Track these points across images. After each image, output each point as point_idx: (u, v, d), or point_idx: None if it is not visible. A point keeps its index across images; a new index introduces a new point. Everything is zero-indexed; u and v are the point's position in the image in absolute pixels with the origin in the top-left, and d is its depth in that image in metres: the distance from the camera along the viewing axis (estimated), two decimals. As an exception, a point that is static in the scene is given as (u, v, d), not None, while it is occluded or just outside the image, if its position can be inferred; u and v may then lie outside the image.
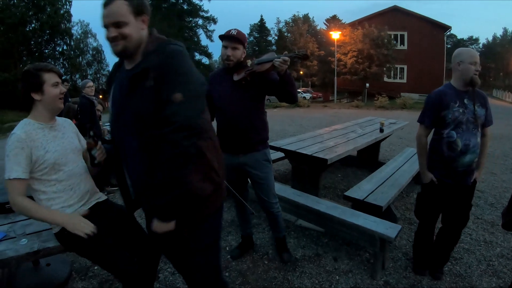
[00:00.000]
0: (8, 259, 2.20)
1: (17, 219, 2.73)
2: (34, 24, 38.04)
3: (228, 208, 4.40)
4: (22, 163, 1.92)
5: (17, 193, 1.92)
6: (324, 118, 15.02)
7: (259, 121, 2.86)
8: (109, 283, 3.03)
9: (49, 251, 2.27)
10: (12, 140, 1.95)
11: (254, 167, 2.92)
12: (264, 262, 3.21)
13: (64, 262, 3.27)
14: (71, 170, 2.13)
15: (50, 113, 2.15)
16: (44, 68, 2.09)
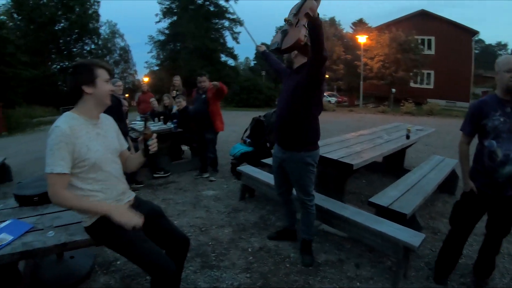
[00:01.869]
0: (35, 250, 2.26)
1: (45, 212, 2.81)
2: (63, 23, 38.97)
3: (251, 210, 4.44)
4: (66, 158, 1.92)
5: (60, 187, 1.92)
6: (349, 123, 14.89)
7: (301, 122, 2.90)
8: (131, 278, 3.08)
9: (76, 244, 2.32)
10: (57, 134, 1.92)
11: (290, 165, 3.05)
12: (286, 265, 3.20)
13: (87, 256, 3.34)
14: (109, 171, 2.14)
15: (97, 109, 2.16)
16: (97, 63, 2.11)
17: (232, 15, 43.65)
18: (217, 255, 3.41)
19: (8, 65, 20.67)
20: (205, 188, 5.52)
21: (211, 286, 2.92)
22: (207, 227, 4.05)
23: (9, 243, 2.29)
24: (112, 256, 3.44)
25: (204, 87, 5.80)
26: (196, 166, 6.41)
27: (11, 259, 2.24)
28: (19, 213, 2.85)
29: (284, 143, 3.06)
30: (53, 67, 39.68)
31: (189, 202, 4.91)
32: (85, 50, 41.87)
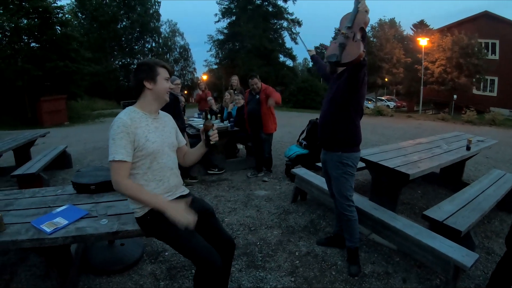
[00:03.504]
0: (87, 236, 2.39)
1: (100, 200, 2.96)
2: (125, 22, 40.76)
3: (302, 213, 4.41)
4: (127, 146, 2.06)
5: (121, 175, 2.06)
6: (407, 129, 14.37)
7: (339, 124, 2.93)
8: (177, 269, 3.17)
9: (126, 233, 2.42)
10: (118, 124, 2.08)
11: (329, 166, 3.09)
12: (331, 272, 3.15)
13: (137, 244, 3.49)
14: (164, 163, 2.25)
15: (156, 104, 2.31)
16: (159, 63, 2.28)
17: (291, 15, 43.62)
18: (264, 255, 3.42)
19: (72, 60, 21.84)
20: (258, 188, 5.55)
21: (254, 286, 2.94)
22: (256, 226, 4.07)
23: (63, 227, 2.44)
24: (161, 247, 3.57)
25: (257, 88, 5.87)
26: (250, 165, 6.50)
27: (64, 242, 2.39)
28: (75, 199, 3.03)
29: (324, 144, 3.11)
30: (115, 63, 41.53)
31: (240, 200, 4.97)
32: (146, 48, 43.72)
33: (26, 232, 2.41)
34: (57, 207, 2.82)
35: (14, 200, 3.14)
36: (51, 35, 21.39)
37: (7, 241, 2.35)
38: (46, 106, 20.04)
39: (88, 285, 2.98)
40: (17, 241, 2.34)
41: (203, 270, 2.07)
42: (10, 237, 2.36)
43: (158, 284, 3.00)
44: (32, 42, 22.13)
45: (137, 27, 41.43)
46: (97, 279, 3.06)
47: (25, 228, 2.47)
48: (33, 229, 2.44)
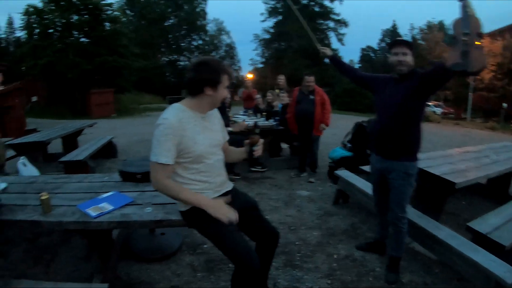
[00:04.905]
0: (132, 222, 2.44)
1: (145, 189, 3.00)
2: (172, 20, 41.72)
3: (343, 216, 4.34)
4: (172, 150, 2.01)
5: (163, 176, 2.04)
6: (454, 137, 13.86)
7: (407, 131, 2.79)
8: (215, 262, 3.20)
9: (170, 222, 2.45)
10: (165, 126, 2.01)
11: (391, 175, 2.91)
12: (369, 278, 3.08)
13: (177, 235, 3.55)
14: (212, 163, 2.20)
15: (209, 107, 2.22)
16: (225, 69, 2.16)
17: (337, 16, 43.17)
18: (302, 256, 3.39)
19: (121, 55, 22.65)
20: (300, 188, 5.51)
21: (290, 285, 2.91)
22: (297, 226, 4.04)
23: (108, 212, 2.50)
24: (200, 239, 3.59)
25: (310, 87, 5.81)
26: (293, 165, 6.44)
27: (108, 226, 2.45)
28: (121, 187, 3.09)
29: (386, 152, 2.91)
30: (162, 59, 42.61)
31: (282, 199, 4.95)
32: (193, 45, 44.53)
33: (72, 214, 2.49)
34: (103, 193, 2.89)
35: (62, 184, 3.26)
36: (101, 31, 22.38)
37: (53, 222, 2.44)
38: (95, 98, 20.82)
39: (127, 270, 3.08)
40: (62, 222, 2.42)
41: (241, 270, 2.06)
42: (56, 218, 2.45)
43: (195, 275, 3.04)
44: (82, 37, 23.10)
45: (184, 25, 42.47)
46: (136, 265, 3.15)
47: (71, 211, 2.55)
48: (79, 213, 2.51)
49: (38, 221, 2.45)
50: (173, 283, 2.92)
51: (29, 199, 2.86)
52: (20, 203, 2.79)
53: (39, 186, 3.25)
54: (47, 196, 2.53)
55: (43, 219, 2.46)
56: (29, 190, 3.13)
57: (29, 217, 2.49)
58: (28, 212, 2.58)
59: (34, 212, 2.57)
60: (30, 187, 3.25)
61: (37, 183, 3.39)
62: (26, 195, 2.99)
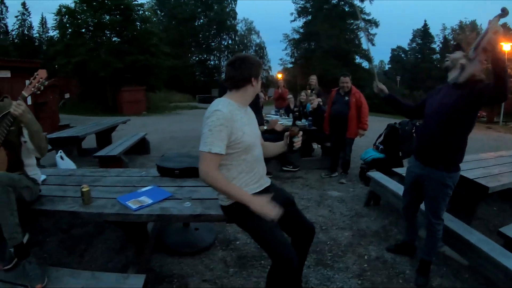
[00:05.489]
0: (171, 216, 2.49)
1: (183, 185, 3.05)
2: (202, 19, 42.21)
3: (374, 217, 4.30)
4: (224, 139, 2.06)
5: (213, 166, 2.06)
6: (485, 141, 13.43)
7: (452, 140, 2.68)
8: (247, 259, 3.22)
9: (209, 217, 2.48)
10: (218, 116, 2.06)
11: (427, 183, 2.85)
12: (399, 280, 3.04)
13: (210, 230, 3.60)
14: (256, 155, 2.27)
15: (247, 100, 2.32)
16: (261, 64, 2.34)
17: (368, 15, 42.67)
18: (333, 255, 3.38)
19: (152, 54, 23.00)
20: (331, 188, 5.48)
21: (321, 284, 2.91)
22: (328, 226, 4.02)
23: (148, 206, 2.55)
24: (233, 235, 3.64)
25: (346, 88, 5.77)
26: (324, 165, 6.40)
27: (148, 219, 2.52)
28: (159, 181, 3.15)
29: (425, 158, 2.83)
30: (192, 58, 43.13)
31: (313, 199, 4.93)
32: (223, 45, 44.95)
33: (112, 207, 2.55)
34: (141, 187, 2.95)
35: (101, 177, 3.35)
36: (132, 31, 22.88)
37: (94, 213, 2.52)
38: (126, 96, 21.27)
39: (160, 263, 3.14)
40: (103, 214, 2.50)
41: (279, 266, 2.08)
42: (96, 210, 2.53)
43: (227, 270, 3.07)
44: (114, 37, 23.65)
45: (214, 24, 42.83)
46: (169, 259, 3.21)
47: (111, 203, 2.61)
48: (119, 205, 2.57)
49: (79, 212, 2.53)
50: (206, 277, 2.96)
51: (68, 191, 2.95)
52: (60, 194, 2.88)
53: (77, 179, 3.36)
54: (87, 188, 2.61)
55: (84, 210, 2.54)
56: (67, 182, 3.24)
57: (69, 208, 2.57)
58: (69, 203, 2.67)
59: (74, 203, 2.65)
60: (68, 179, 3.36)
61: (75, 175, 3.50)
62: (65, 187, 3.09)
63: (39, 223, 3.76)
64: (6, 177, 2.28)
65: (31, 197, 2.60)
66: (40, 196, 2.76)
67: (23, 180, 2.51)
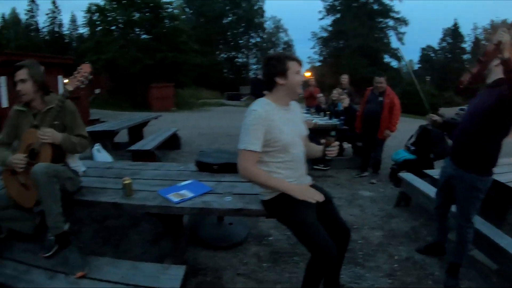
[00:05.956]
0: (213, 209, 2.54)
1: (222, 180, 3.11)
2: (230, 17, 42.36)
3: (405, 218, 4.27)
4: (260, 138, 2.15)
5: (251, 163, 2.17)
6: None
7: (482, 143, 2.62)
8: (279, 254, 3.26)
9: (250, 212, 2.50)
10: (254, 116, 2.16)
11: (457, 184, 2.83)
12: (428, 281, 3.02)
13: (244, 226, 3.63)
14: (296, 153, 2.29)
15: (288, 98, 2.35)
16: (289, 56, 2.29)
17: (397, 14, 41.99)
18: (364, 254, 3.38)
19: (180, 51, 23.27)
20: (362, 188, 5.46)
21: (353, 281, 2.92)
22: (359, 226, 4.02)
23: (189, 199, 2.60)
24: (266, 231, 3.68)
25: (380, 88, 5.73)
26: (355, 165, 6.37)
27: (190, 212, 2.60)
28: (198, 176, 3.21)
29: (458, 159, 2.81)
30: (220, 56, 43.44)
31: (344, 198, 4.93)
32: (251, 42, 45.08)
33: (153, 199, 2.62)
34: (180, 181, 3.01)
35: (139, 171, 3.45)
36: (162, 28, 23.14)
37: (136, 205, 2.59)
38: (155, 92, 21.63)
39: (194, 256, 3.19)
40: (145, 206, 2.56)
41: (319, 260, 2.09)
42: (138, 202, 2.60)
43: (261, 264, 3.11)
44: (143, 34, 24.03)
45: (242, 22, 42.97)
46: (203, 252, 3.27)
47: (152, 196, 2.68)
48: (160, 198, 2.64)
49: (121, 204, 2.61)
50: (240, 271, 3.00)
51: (108, 183, 3.05)
52: (100, 186, 2.98)
53: (116, 171, 3.46)
54: (130, 180, 2.68)
55: (126, 201, 2.61)
56: (107, 175, 3.34)
57: (112, 199, 2.65)
58: (110, 194, 2.75)
59: (115, 195, 2.73)
60: (107, 172, 3.47)
61: (114, 168, 3.61)
62: (104, 179, 3.19)
63: (74, 214, 3.86)
64: (51, 168, 2.36)
65: (72, 188, 2.68)
66: (80, 187, 2.84)
67: (66, 171, 2.60)
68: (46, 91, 2.66)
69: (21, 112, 2.63)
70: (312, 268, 2.19)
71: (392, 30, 44.14)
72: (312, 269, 2.20)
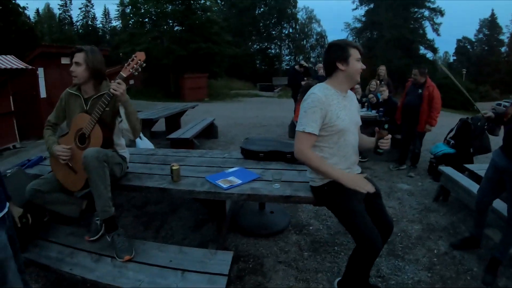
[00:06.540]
0: (262, 196, 2.56)
1: (268, 167, 3.12)
2: (263, 8, 42.12)
3: (443, 213, 4.19)
4: (318, 121, 2.15)
5: (307, 145, 2.18)
6: None
7: None
8: (320, 244, 3.26)
9: (299, 199, 2.49)
10: (312, 99, 2.18)
11: (509, 176, 2.74)
12: (467, 277, 2.96)
13: (285, 214, 3.65)
14: (349, 140, 2.30)
15: (347, 84, 2.35)
16: (351, 44, 2.29)
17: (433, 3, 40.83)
18: (404, 247, 3.36)
19: (214, 42, 23.40)
20: (400, 181, 5.39)
21: (392, 273, 2.91)
22: (398, 218, 3.98)
23: (238, 185, 2.63)
24: (306, 221, 3.69)
25: (418, 81, 5.60)
26: (392, 157, 6.26)
27: (238, 198, 2.61)
28: (243, 163, 3.23)
29: (510, 150, 2.74)
30: (253, 47, 43.44)
31: (383, 190, 4.82)
32: (283, 33, 44.89)
33: (202, 185, 2.66)
34: (226, 168, 3.05)
35: (184, 158, 3.51)
36: (195, 20, 23.30)
37: (185, 190, 2.63)
38: (189, 82, 21.86)
39: (235, 243, 3.24)
40: (194, 191, 2.60)
41: (364, 249, 2.09)
42: (187, 187, 2.64)
43: (302, 253, 3.12)
44: (176, 26, 24.28)
45: (275, 13, 42.72)
46: (244, 239, 3.31)
47: (200, 182, 2.72)
48: (208, 184, 2.68)
49: (169, 189, 2.65)
50: (281, 259, 3.02)
51: (154, 169, 3.12)
52: (146, 171, 3.04)
53: (160, 158, 3.54)
54: (178, 166, 2.73)
55: (174, 187, 2.66)
56: (152, 161, 3.42)
57: (159, 185, 2.70)
58: (156, 180, 2.81)
59: (162, 180, 2.79)
60: (152, 158, 3.55)
61: (158, 155, 3.69)
62: (150, 165, 3.27)
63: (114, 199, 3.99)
64: (103, 153, 2.42)
65: (120, 173, 2.76)
66: (127, 173, 2.92)
67: (115, 156, 2.67)
68: (100, 78, 2.69)
69: (72, 95, 2.69)
70: (356, 257, 2.19)
71: (428, 21, 42.90)
72: (356, 258, 2.20)
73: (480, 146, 5.25)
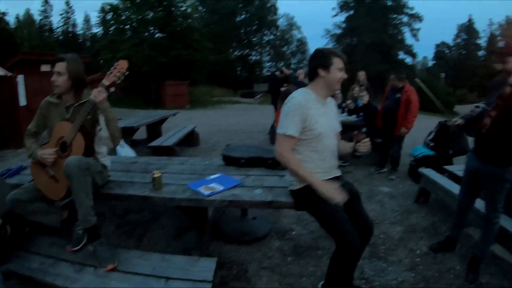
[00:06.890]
0: (243, 202, 2.60)
1: (249, 173, 3.15)
2: (243, 15, 42.17)
3: (424, 214, 4.28)
4: (298, 124, 2.22)
5: (287, 147, 2.27)
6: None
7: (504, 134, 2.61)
8: (303, 248, 3.29)
9: (280, 204, 2.54)
10: (293, 103, 2.26)
11: (487, 179, 2.83)
12: (449, 276, 3.04)
13: (267, 221, 3.68)
14: (327, 144, 2.36)
15: (327, 92, 2.40)
16: (335, 53, 2.35)
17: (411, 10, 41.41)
18: (386, 249, 3.41)
19: (194, 49, 23.36)
20: (380, 184, 5.48)
21: (376, 275, 2.96)
22: (380, 221, 4.05)
23: (219, 192, 2.65)
24: (288, 226, 3.72)
25: (396, 86, 5.71)
26: (373, 161, 6.36)
27: (220, 205, 2.64)
28: (225, 170, 3.25)
29: (483, 153, 2.81)
30: (234, 54, 43.38)
31: (364, 193, 4.91)
32: (264, 40, 44.93)
33: (183, 192, 2.67)
34: (207, 175, 3.06)
35: (165, 165, 3.50)
36: (175, 26, 23.20)
37: (166, 198, 2.64)
38: (170, 89, 21.67)
39: (218, 250, 3.24)
40: (175, 199, 2.62)
41: (343, 251, 2.13)
42: (168, 195, 2.65)
43: (285, 258, 3.15)
44: (157, 33, 24.17)
45: (255, 20, 42.80)
46: (227, 246, 3.31)
47: (181, 189, 2.73)
48: (190, 191, 2.69)
49: (150, 197, 2.66)
50: (264, 265, 3.04)
51: (135, 177, 3.11)
52: (128, 180, 3.03)
53: (142, 166, 3.52)
54: (159, 174, 2.74)
55: (156, 195, 2.66)
56: (133, 169, 3.41)
57: (141, 193, 2.70)
58: (138, 188, 2.81)
59: (144, 188, 2.79)
60: (133, 166, 3.54)
61: (139, 163, 3.68)
62: (131, 173, 3.26)
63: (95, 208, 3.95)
64: (84, 161, 2.41)
65: (102, 182, 2.75)
66: (108, 181, 2.91)
67: (96, 165, 2.66)
68: (82, 87, 2.69)
69: (52, 104, 2.68)
70: (336, 260, 2.23)
71: (406, 26, 43.53)
72: (336, 261, 2.23)
73: (459, 147, 5.37)
